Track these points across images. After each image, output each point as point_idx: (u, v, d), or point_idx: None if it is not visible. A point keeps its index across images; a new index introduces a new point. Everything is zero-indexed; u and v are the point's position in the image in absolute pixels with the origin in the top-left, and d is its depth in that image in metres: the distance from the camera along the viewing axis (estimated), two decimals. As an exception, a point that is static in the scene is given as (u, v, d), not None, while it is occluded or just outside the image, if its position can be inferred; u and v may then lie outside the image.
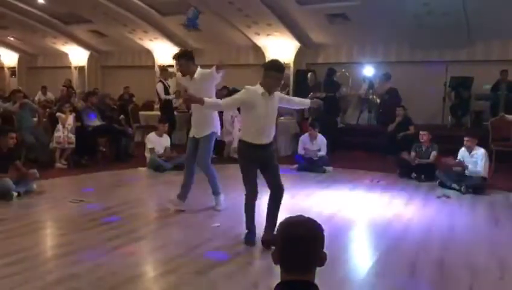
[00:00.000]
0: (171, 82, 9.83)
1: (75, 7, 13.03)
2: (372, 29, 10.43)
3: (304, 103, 4.53)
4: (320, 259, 1.51)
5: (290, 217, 1.55)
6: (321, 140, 7.94)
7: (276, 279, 1.51)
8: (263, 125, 3.97)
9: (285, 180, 7.38)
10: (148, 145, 7.87)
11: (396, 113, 8.84)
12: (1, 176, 5.56)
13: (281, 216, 3.79)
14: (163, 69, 10.78)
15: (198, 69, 5.01)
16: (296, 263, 1.48)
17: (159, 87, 9.65)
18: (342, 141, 9.44)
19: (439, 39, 9.83)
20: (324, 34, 11.58)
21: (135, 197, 5.86)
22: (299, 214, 1.58)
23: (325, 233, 1.53)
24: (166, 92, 9.68)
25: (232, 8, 10.70)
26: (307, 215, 1.56)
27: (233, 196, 5.48)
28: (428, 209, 5.53)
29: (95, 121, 8.43)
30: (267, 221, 4.07)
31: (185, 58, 5.01)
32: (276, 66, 3.96)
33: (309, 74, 11.32)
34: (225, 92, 9.25)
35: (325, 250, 1.52)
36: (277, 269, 1.52)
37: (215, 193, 5.25)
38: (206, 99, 4.03)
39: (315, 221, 1.52)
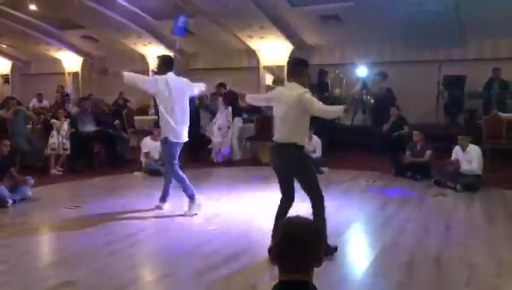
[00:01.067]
0: None
1: (67, 13, 13.00)
2: (365, 30, 10.49)
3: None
4: (318, 260, 1.51)
5: (289, 217, 1.56)
6: (316, 141, 7.96)
7: (275, 281, 1.51)
8: None
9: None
10: (144, 150, 7.85)
11: (391, 113, 8.88)
12: (-4, 183, 5.54)
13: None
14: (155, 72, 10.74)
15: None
16: (294, 263, 1.48)
17: None
18: (337, 141, 9.47)
19: (431, 38, 9.89)
20: (317, 35, 11.63)
21: (131, 202, 5.84)
22: (296, 215, 1.58)
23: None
24: None
25: (225, 11, 10.72)
26: (304, 216, 1.56)
27: (231, 199, 5.47)
28: (424, 208, 5.55)
29: (90, 127, 8.41)
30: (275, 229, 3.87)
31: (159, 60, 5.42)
32: (307, 63, 3.91)
33: None
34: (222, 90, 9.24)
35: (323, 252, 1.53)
36: (275, 271, 1.52)
37: (163, 198, 5.38)
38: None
39: (313, 221, 1.53)
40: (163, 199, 5.40)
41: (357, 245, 4.41)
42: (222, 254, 3.89)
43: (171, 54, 13.55)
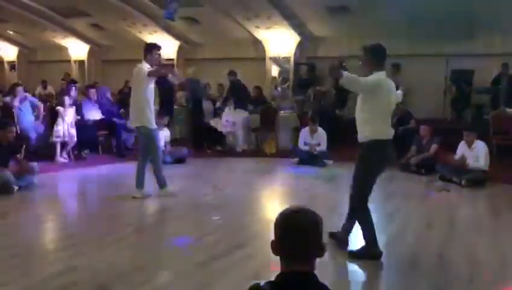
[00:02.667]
0: None
1: (74, 0, 12.97)
2: (372, 22, 10.39)
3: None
4: (320, 249, 1.51)
5: (289, 208, 1.55)
6: (321, 134, 7.94)
7: (276, 271, 1.51)
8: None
9: (285, 174, 7.40)
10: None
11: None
12: (2, 169, 5.57)
13: (280, 209, 3.79)
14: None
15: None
16: (295, 254, 1.48)
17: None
18: (342, 134, 9.43)
19: (439, 32, 9.79)
20: (325, 26, 11.53)
21: (134, 191, 5.85)
22: (295, 206, 1.58)
23: (325, 226, 1.54)
24: None
25: (232, 1, 10.66)
26: (303, 207, 1.56)
27: (235, 190, 5.47)
28: (428, 202, 5.53)
29: (95, 115, 8.43)
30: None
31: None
32: None
33: (300, 67, 11.37)
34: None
35: (325, 243, 1.52)
36: (277, 261, 1.52)
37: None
38: None
39: (314, 212, 1.53)
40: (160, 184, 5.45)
41: (360, 239, 4.40)
42: (225, 245, 3.89)
43: (176, 42, 13.60)
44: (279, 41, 12.02)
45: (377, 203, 5.42)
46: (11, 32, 16.92)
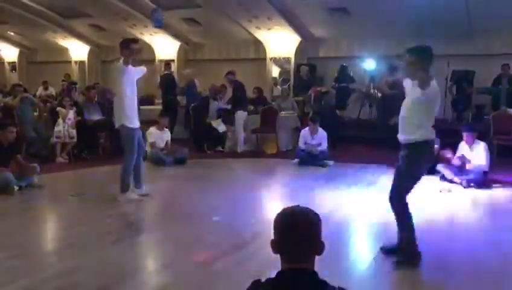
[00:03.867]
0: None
1: (74, 1, 13.00)
2: (372, 23, 10.40)
3: None
4: (319, 247, 1.52)
5: (288, 207, 1.56)
6: (322, 134, 7.93)
7: (277, 270, 1.51)
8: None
9: (286, 175, 7.40)
10: (149, 139, 7.85)
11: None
12: (2, 170, 5.57)
13: (280, 209, 3.79)
14: (167, 63, 11.13)
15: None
16: (294, 252, 1.49)
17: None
18: (343, 135, 9.43)
19: (440, 33, 9.79)
20: (325, 27, 11.55)
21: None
22: (295, 205, 1.58)
23: (326, 227, 1.54)
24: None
25: (233, 2, 10.67)
26: (302, 206, 1.57)
27: (235, 190, 5.46)
28: (429, 203, 5.52)
29: (96, 116, 8.43)
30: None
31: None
32: None
33: (301, 67, 11.39)
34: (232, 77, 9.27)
35: (325, 243, 1.53)
36: (278, 261, 1.52)
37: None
38: None
39: (312, 210, 1.54)
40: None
41: (360, 238, 4.40)
42: (225, 245, 3.89)
43: (177, 43, 13.62)
44: (280, 42, 12.04)
45: (377, 202, 5.43)
46: (12, 33, 16.96)
